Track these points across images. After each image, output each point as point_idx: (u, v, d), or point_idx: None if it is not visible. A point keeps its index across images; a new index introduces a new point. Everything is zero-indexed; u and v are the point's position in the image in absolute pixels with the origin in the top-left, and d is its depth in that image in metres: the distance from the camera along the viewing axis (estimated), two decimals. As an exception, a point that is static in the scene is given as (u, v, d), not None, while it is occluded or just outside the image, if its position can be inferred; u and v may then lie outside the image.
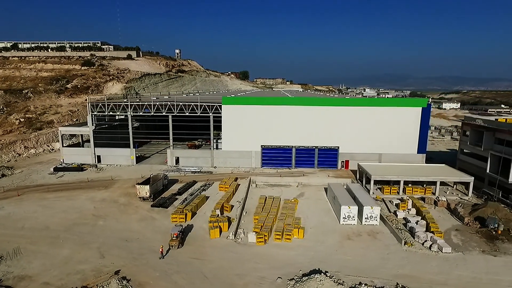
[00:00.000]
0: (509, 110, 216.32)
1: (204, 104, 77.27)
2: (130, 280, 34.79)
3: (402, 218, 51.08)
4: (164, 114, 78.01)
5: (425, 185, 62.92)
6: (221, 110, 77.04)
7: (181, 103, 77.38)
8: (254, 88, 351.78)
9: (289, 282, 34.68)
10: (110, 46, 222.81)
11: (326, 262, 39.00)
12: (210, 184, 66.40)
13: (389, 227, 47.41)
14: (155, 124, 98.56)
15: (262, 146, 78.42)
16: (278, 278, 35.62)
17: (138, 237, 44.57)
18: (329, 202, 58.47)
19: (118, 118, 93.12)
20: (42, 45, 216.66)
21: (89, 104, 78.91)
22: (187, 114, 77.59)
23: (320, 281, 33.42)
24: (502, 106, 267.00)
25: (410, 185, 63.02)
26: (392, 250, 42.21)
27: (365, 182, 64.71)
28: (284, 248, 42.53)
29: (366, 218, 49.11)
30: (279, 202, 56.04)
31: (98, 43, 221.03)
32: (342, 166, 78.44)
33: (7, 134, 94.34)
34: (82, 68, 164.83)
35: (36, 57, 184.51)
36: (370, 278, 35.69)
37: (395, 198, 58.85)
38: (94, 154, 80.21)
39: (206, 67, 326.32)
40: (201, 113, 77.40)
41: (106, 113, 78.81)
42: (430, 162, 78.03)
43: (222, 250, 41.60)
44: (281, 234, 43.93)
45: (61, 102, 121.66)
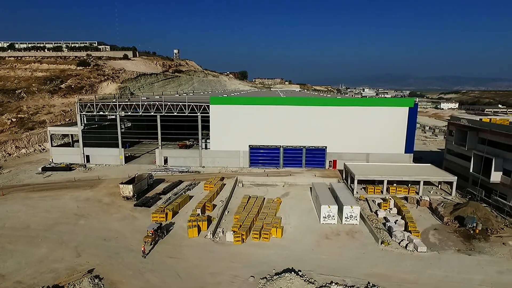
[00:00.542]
0: (505, 110, 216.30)
1: (192, 104, 77.51)
2: (103, 278, 35.08)
3: (383, 217, 51.28)
4: (152, 114, 78.29)
5: (409, 184, 63.11)
6: (209, 110, 77.26)
7: (169, 103, 77.64)
8: (253, 88, 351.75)
9: (260, 281, 34.89)
10: (107, 46, 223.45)
11: (301, 261, 39.21)
12: (195, 183, 66.67)
13: (368, 227, 47.61)
14: (147, 124, 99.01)
15: (250, 146, 78.63)
16: (250, 277, 35.86)
17: (117, 236, 44.85)
18: (312, 201, 58.68)
19: (109, 118, 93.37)
20: (38, 45, 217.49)
21: (77, 104, 79.20)
22: (175, 114, 77.81)
23: (290, 280, 33.65)
24: (499, 106, 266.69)
25: (395, 184, 63.22)
26: (368, 250, 42.41)
27: (350, 182, 64.87)
28: (261, 247, 42.77)
29: (346, 218, 49.30)
30: (262, 202, 56.24)
31: (95, 43, 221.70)
32: (330, 166, 78.60)
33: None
34: (77, 68, 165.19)
35: (32, 57, 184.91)
36: (341, 277, 35.91)
37: (379, 198, 59.06)
38: (83, 154, 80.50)
39: (206, 68, 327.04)
40: (189, 113, 77.62)
41: (95, 113, 79.05)
42: (419, 162, 78.08)
43: (199, 249, 41.84)
44: (258, 233, 44.14)
45: (54, 102, 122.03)
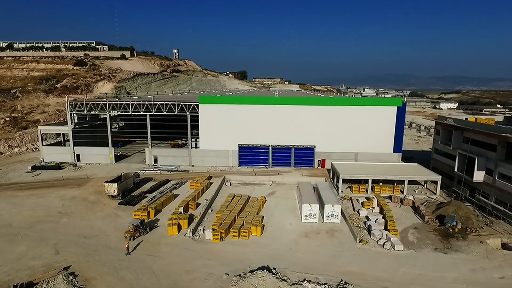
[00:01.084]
0: (504, 110, 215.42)
1: (181, 103, 77.85)
2: (78, 275, 35.45)
3: (364, 216, 51.46)
4: (141, 113, 78.73)
5: (395, 184, 63.28)
6: (198, 110, 77.60)
7: (158, 103, 78.03)
8: (252, 88, 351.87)
9: (234, 278, 35.16)
10: (105, 46, 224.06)
11: (277, 259, 39.47)
12: (182, 182, 67.03)
13: (348, 226, 47.80)
14: (139, 123, 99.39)
15: (239, 145, 78.92)
16: (224, 274, 36.15)
17: (97, 234, 45.24)
18: (297, 200, 58.91)
19: (101, 117, 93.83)
20: (37, 45, 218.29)
21: (68, 103, 79.69)
22: (165, 113, 78.18)
23: (261, 277, 33.92)
24: (498, 106, 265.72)
25: (381, 184, 63.33)
26: (346, 248, 42.64)
27: (336, 181, 65.05)
28: (239, 245, 43.06)
29: (327, 216, 49.53)
30: (246, 201, 56.47)
31: (93, 43, 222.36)
32: (319, 165, 78.78)
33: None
34: (74, 68, 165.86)
35: (30, 57, 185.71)
36: (315, 275, 36.14)
37: (363, 197, 59.26)
38: (74, 152, 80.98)
39: (205, 68, 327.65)
40: (178, 112, 77.97)
41: (85, 112, 79.53)
42: (409, 162, 78.13)
43: (177, 247, 42.17)
44: (237, 231, 44.41)
45: (49, 102, 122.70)
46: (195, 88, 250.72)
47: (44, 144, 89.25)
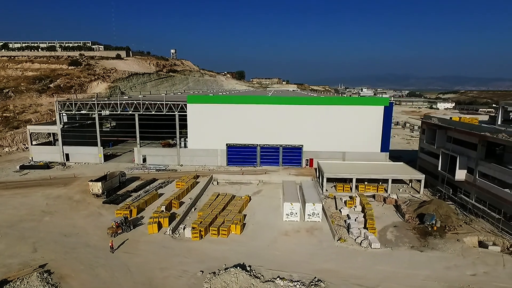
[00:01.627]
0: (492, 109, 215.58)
1: (169, 103, 78.12)
2: (53, 273, 35.73)
3: (346, 215, 51.75)
4: (130, 112, 79.01)
5: (380, 183, 63.55)
6: (186, 109, 77.88)
7: (147, 102, 78.31)
8: (249, 88, 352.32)
9: (208, 276, 35.43)
10: (101, 46, 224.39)
11: (253, 257, 39.73)
12: (168, 181, 67.30)
13: (329, 224, 48.09)
14: (131, 123, 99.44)
15: (227, 144, 79.20)
16: (199, 272, 36.43)
17: (78, 232, 45.51)
18: (281, 199, 59.13)
19: (92, 116, 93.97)
20: (33, 44, 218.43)
21: (56, 102, 79.99)
22: (153, 112, 78.48)
23: (234, 274, 34.20)
24: (494, 105, 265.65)
25: (366, 183, 63.61)
26: (324, 246, 42.92)
27: (321, 180, 65.33)
28: (218, 243, 43.34)
29: (308, 215, 49.83)
30: (230, 199, 56.72)
31: (89, 43, 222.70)
32: (307, 165, 79.07)
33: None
34: (68, 68, 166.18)
35: (25, 56, 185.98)
36: (289, 272, 36.39)
37: (347, 196, 59.56)
38: (63, 152, 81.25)
39: (203, 68, 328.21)
40: (167, 111, 78.27)
41: (74, 111, 79.79)
42: (398, 161, 78.22)
43: (156, 245, 42.44)
44: (217, 229, 44.70)
45: (41, 101, 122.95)
46: (192, 88, 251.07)
47: (35, 143, 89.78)
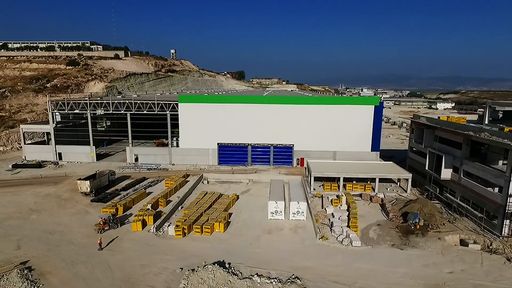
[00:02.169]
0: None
1: (161, 102, 78.57)
2: (34, 269, 36.15)
3: (331, 213, 51.99)
4: (122, 112, 79.51)
5: (369, 182, 63.73)
6: (178, 108, 78.29)
7: (138, 102, 78.79)
8: (249, 88, 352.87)
9: (186, 272, 35.69)
10: (99, 46, 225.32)
11: (234, 255, 40.05)
12: (158, 180, 67.73)
13: (312, 222, 48.34)
14: (125, 122, 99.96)
15: (218, 143, 79.57)
16: (178, 269, 36.77)
17: (63, 229, 45.95)
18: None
19: (86, 116, 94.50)
20: (32, 45, 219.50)
21: (49, 102, 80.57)
22: (145, 112, 78.95)
23: (211, 271, 34.49)
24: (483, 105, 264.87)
25: (354, 182, 63.81)
26: (306, 244, 43.18)
27: (309, 179, 65.56)
28: (200, 240, 43.67)
29: (293, 213, 50.09)
30: (217, 198, 57.01)
31: (87, 43, 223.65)
32: (298, 164, 79.36)
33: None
34: (66, 67, 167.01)
35: (24, 56, 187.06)
36: (268, 270, 36.67)
37: (334, 195, 59.78)
38: (55, 151, 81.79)
39: (203, 68, 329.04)
40: (158, 111, 78.72)
41: (66, 111, 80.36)
42: (390, 160, 78.19)
43: (138, 242, 42.79)
44: (200, 227, 45.02)
45: (38, 101, 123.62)
46: (191, 88, 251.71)
47: (30, 142, 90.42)
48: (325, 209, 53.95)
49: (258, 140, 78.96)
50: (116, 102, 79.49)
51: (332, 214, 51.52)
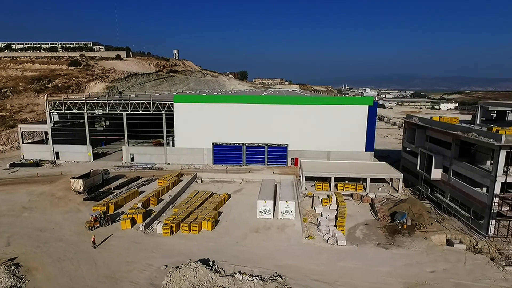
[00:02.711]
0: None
1: (156, 102, 79.25)
2: (22, 266, 36.85)
3: (320, 213, 52.20)
4: (118, 112, 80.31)
5: (361, 181, 63.85)
6: (173, 108, 78.91)
7: (134, 102, 79.53)
8: (251, 88, 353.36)
9: (170, 270, 36.15)
10: (101, 47, 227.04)
11: (220, 253, 40.50)
12: (152, 179, 68.30)
13: (300, 221, 48.63)
14: (123, 122, 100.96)
15: (213, 143, 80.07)
16: (163, 266, 37.29)
17: (53, 227, 46.67)
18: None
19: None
20: (35, 45, 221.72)
21: (46, 102, 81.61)
22: (141, 112, 79.68)
23: (194, 268, 34.94)
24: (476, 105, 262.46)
25: (346, 181, 63.96)
26: (292, 243, 43.51)
27: (301, 179, 65.76)
28: (188, 239, 44.19)
29: (282, 213, 50.43)
30: (208, 197, 57.48)
31: (90, 44, 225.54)
32: (292, 164, 79.60)
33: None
34: (68, 68, 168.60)
35: (27, 57, 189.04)
36: (251, 268, 37.07)
37: (325, 194, 59.95)
38: (53, 150, 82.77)
39: (205, 68, 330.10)
40: (154, 111, 79.40)
41: (63, 110, 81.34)
42: (385, 160, 78.09)
43: (126, 240, 43.39)
44: (188, 225, 45.50)
45: (38, 101, 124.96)
46: (192, 88, 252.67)
47: (29, 142, 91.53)
48: (314, 208, 54.16)
49: (252, 140, 79.35)
50: (112, 102, 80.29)
51: (320, 213, 51.73)
